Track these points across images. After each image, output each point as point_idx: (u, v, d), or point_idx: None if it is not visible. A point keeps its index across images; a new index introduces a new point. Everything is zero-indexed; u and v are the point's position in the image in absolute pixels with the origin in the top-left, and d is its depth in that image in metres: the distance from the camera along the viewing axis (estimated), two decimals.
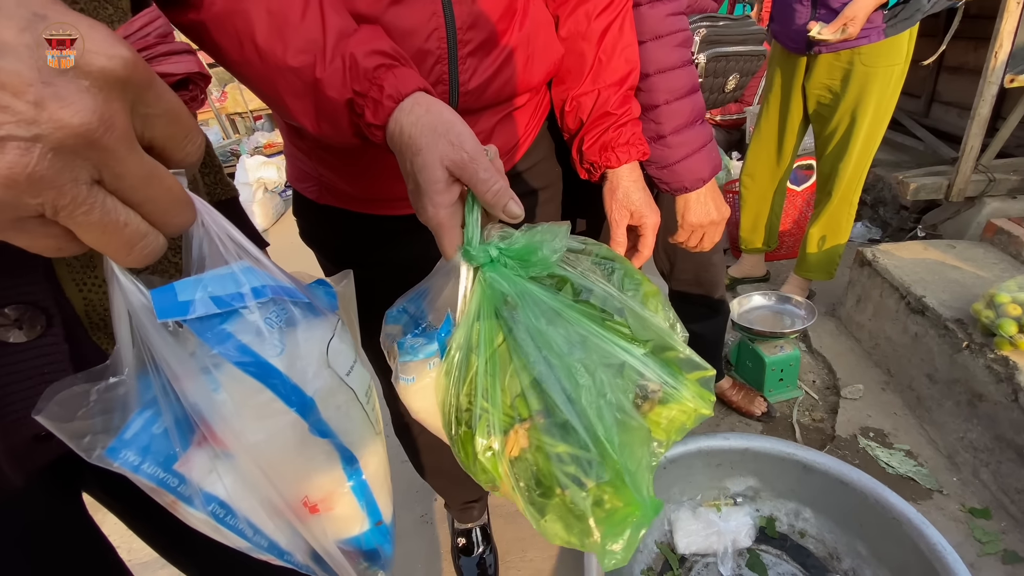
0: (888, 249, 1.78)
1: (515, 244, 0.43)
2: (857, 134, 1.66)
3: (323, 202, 0.71)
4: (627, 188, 0.73)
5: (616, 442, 0.39)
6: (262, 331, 0.31)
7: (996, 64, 1.81)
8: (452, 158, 0.42)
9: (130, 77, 0.23)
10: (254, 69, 0.48)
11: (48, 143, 0.20)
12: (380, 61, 0.46)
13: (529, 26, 0.65)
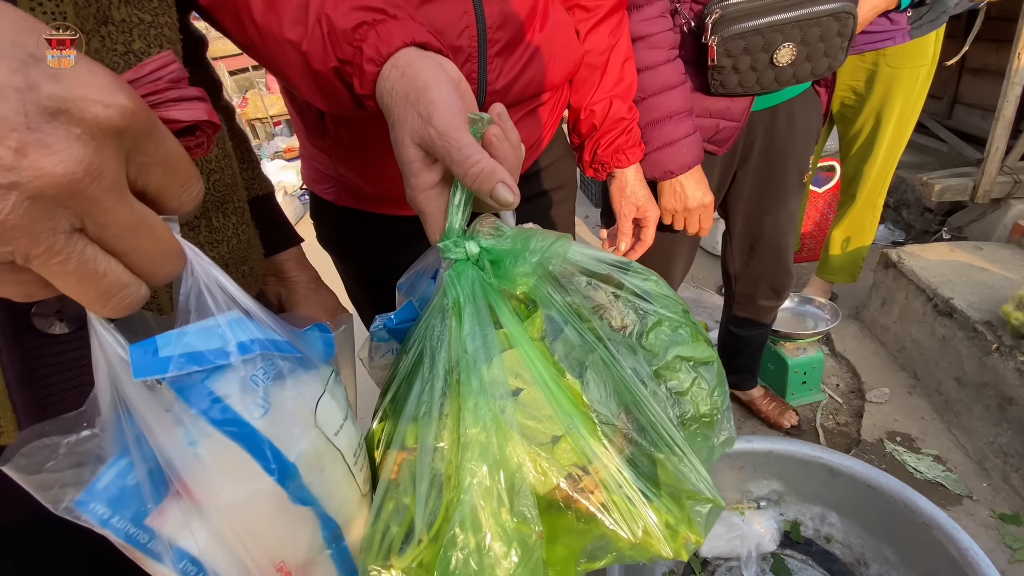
0: (914, 251, 1.76)
1: (501, 244, 0.37)
2: (883, 136, 1.65)
3: (341, 204, 0.73)
4: (634, 185, 0.83)
5: (463, 524, 0.29)
6: (246, 390, 0.29)
7: (1020, 65, 1.80)
8: (421, 135, 0.35)
9: (127, 127, 0.22)
10: (258, 49, 0.47)
11: (25, 191, 0.19)
12: (360, 19, 0.40)
13: (550, 27, 0.67)
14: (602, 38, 0.76)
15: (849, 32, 0.87)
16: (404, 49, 0.39)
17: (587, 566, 0.33)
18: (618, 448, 0.33)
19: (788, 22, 0.84)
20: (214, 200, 0.45)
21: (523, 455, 0.31)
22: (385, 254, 0.76)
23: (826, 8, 0.83)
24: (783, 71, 0.88)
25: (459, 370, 0.33)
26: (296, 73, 0.46)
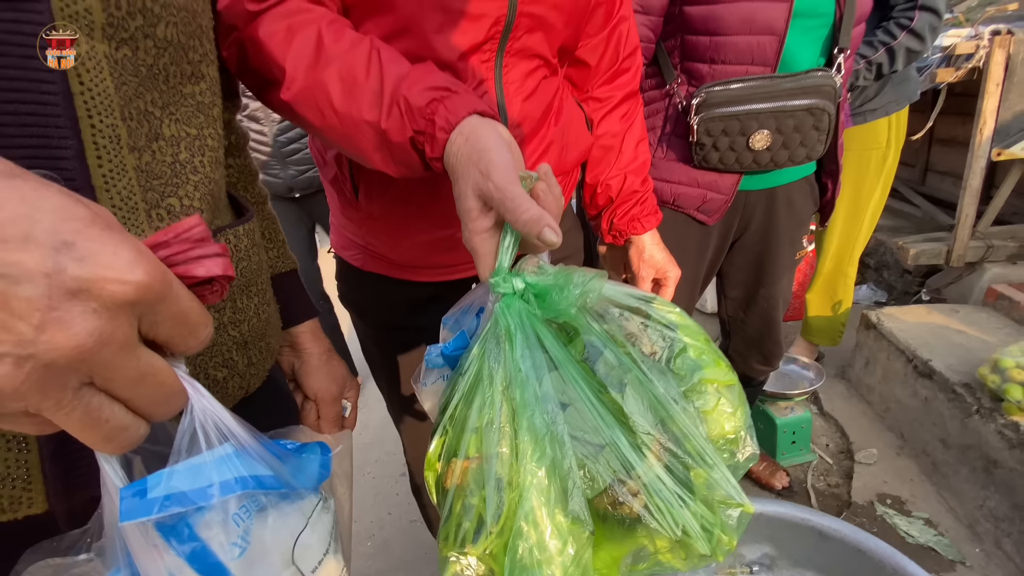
0: (893, 312, 1.83)
1: (544, 280, 0.42)
2: (837, 211, 1.76)
3: (366, 269, 0.79)
4: (651, 250, 0.89)
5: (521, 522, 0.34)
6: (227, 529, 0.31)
7: (982, 140, 1.94)
8: (481, 187, 0.43)
9: (141, 298, 0.24)
10: (337, 132, 0.55)
11: (40, 361, 0.21)
12: (432, 96, 0.49)
13: (564, 120, 0.77)
14: (614, 123, 0.86)
15: (826, 127, 0.97)
16: (468, 118, 0.48)
17: (630, 568, 0.37)
18: (656, 456, 0.37)
19: (764, 112, 0.93)
20: (240, 284, 0.48)
21: (573, 461, 0.35)
22: (403, 316, 0.82)
23: (800, 103, 0.94)
24: (760, 154, 0.98)
25: (514, 387, 0.38)
26: (371, 147, 0.53)
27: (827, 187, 1.16)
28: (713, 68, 0.96)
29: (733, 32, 0.92)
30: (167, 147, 0.41)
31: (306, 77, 0.52)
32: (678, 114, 1.01)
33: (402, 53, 0.57)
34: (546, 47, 0.69)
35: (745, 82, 0.93)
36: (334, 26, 0.54)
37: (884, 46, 1.45)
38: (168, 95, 0.41)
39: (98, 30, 0.34)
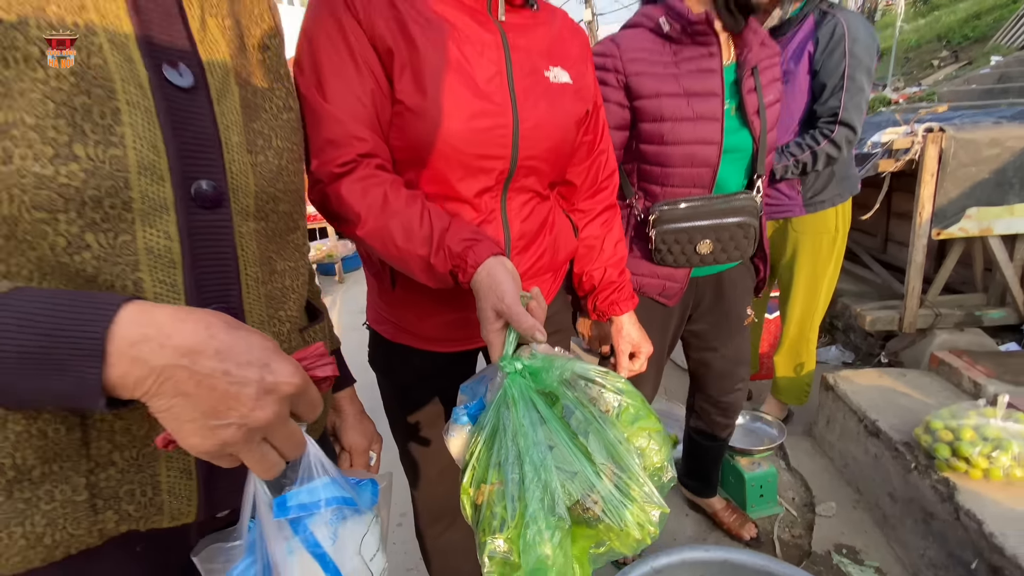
0: (848, 376, 2.03)
1: (535, 363, 0.64)
2: (797, 286, 2.01)
3: (396, 340, 1.00)
4: (628, 328, 1.11)
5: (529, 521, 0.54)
6: (326, 527, 0.50)
7: (922, 221, 2.22)
8: (497, 306, 0.67)
9: (295, 392, 0.42)
10: (394, 259, 0.78)
11: (249, 427, 0.40)
12: (465, 245, 0.73)
13: (554, 232, 1.00)
14: (596, 229, 1.09)
15: (753, 235, 1.23)
16: (488, 259, 0.71)
17: (594, 551, 0.58)
18: (609, 478, 0.58)
19: (706, 227, 1.20)
20: None
21: (557, 483, 0.56)
22: (423, 379, 1.02)
23: (732, 220, 1.21)
24: (705, 256, 1.24)
25: (519, 436, 0.58)
26: (420, 271, 0.77)
27: (759, 268, 1.42)
28: (664, 189, 1.22)
29: (678, 165, 1.18)
30: (279, 278, 0.62)
31: (376, 221, 0.75)
32: (638, 223, 1.26)
33: (433, 193, 0.82)
34: (538, 184, 0.92)
35: (690, 202, 1.20)
36: (395, 187, 0.78)
37: (809, 149, 1.75)
38: (280, 243, 0.62)
39: (252, 214, 0.56)
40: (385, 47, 0.77)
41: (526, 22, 0.87)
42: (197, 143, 0.51)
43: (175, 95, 0.49)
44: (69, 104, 0.43)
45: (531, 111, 0.84)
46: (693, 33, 1.13)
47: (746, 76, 1.17)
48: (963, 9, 12.61)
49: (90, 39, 0.44)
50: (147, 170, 0.47)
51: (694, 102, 1.14)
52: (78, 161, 0.43)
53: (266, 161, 0.57)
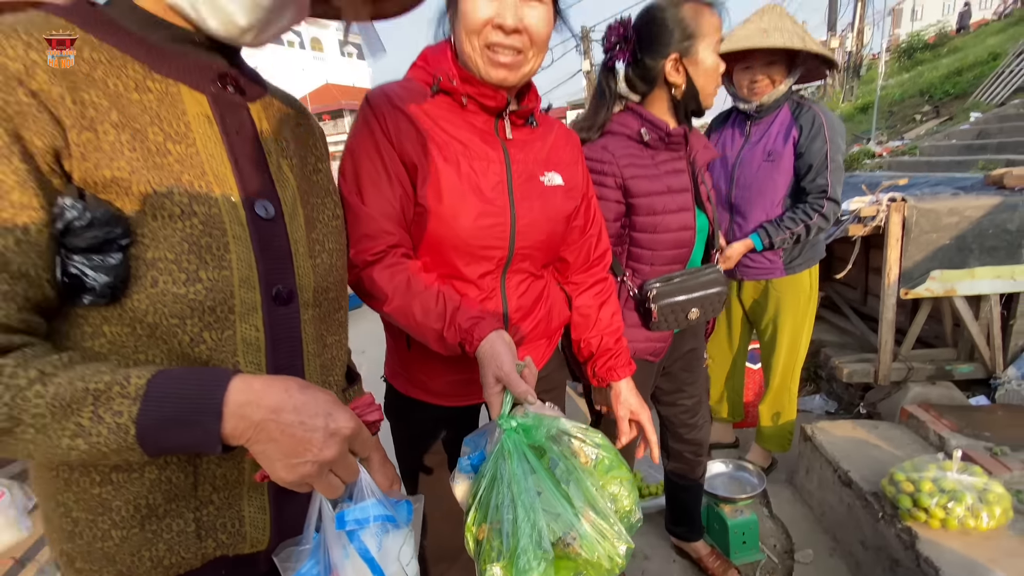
0: (824, 427, 2.17)
1: (526, 422, 0.78)
2: (780, 340, 2.17)
3: (409, 394, 1.16)
4: (626, 394, 1.22)
5: (520, 553, 0.67)
6: (374, 537, 0.64)
7: (890, 282, 2.40)
8: (496, 374, 0.82)
9: (352, 435, 0.57)
10: (413, 329, 0.95)
11: (320, 463, 0.54)
12: (472, 322, 0.89)
13: (550, 302, 1.18)
14: (588, 299, 1.25)
15: (723, 300, 1.45)
16: (490, 334, 0.87)
17: None
18: (586, 519, 0.71)
19: (695, 298, 1.41)
20: None
21: (543, 523, 0.68)
22: (431, 427, 1.18)
23: (713, 290, 1.43)
24: (692, 321, 1.44)
25: (514, 483, 0.72)
26: (434, 341, 0.93)
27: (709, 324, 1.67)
28: (652, 268, 1.41)
29: (667, 248, 1.39)
30: (329, 351, 0.79)
31: (400, 300, 0.94)
32: (631, 297, 1.44)
33: (444, 274, 1.01)
34: (532, 267, 1.11)
35: (681, 278, 1.40)
36: (416, 272, 0.96)
37: (803, 223, 1.98)
38: (329, 322, 0.79)
39: (311, 304, 0.73)
40: (411, 162, 0.97)
41: (526, 138, 1.07)
42: (276, 257, 0.69)
43: (262, 224, 0.67)
44: (196, 244, 0.60)
45: (527, 211, 1.03)
46: (669, 142, 1.35)
47: (699, 172, 1.42)
48: (945, 66, 13.28)
49: (210, 196, 0.62)
50: (244, 283, 0.64)
51: (676, 197, 1.36)
52: (202, 282, 0.60)
53: (322, 262, 0.76)
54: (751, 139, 2.09)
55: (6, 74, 0.51)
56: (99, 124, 0.56)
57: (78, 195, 0.55)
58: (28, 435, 0.50)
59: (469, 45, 0.95)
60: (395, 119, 0.96)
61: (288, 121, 0.78)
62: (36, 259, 0.53)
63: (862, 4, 14.84)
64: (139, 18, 0.62)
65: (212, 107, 0.65)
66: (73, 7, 0.60)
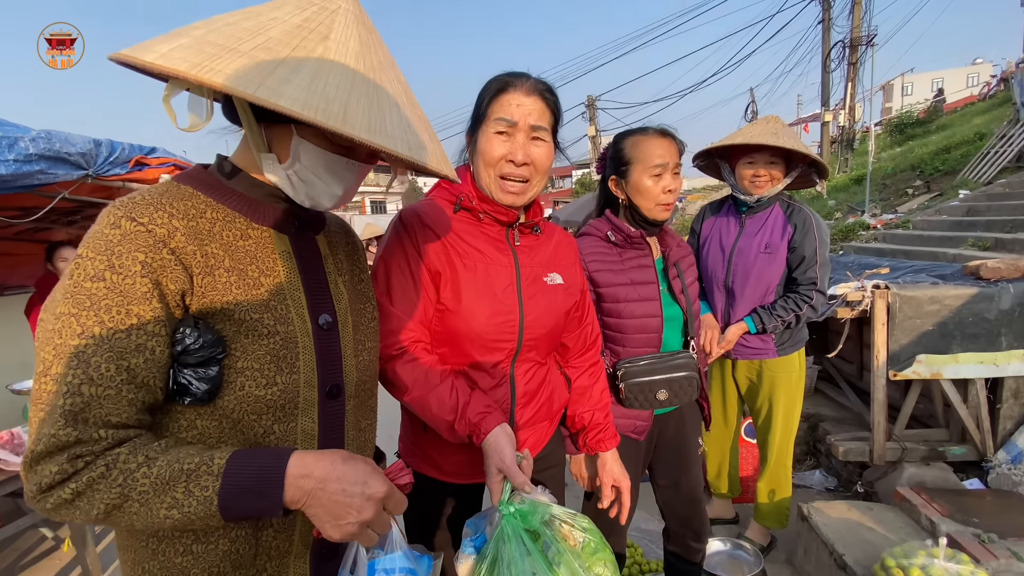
0: (820, 507, 2.24)
1: (523, 508, 0.91)
2: (776, 418, 2.28)
3: (420, 471, 1.27)
4: (611, 464, 1.38)
5: None
6: None
7: (879, 364, 2.53)
8: (499, 465, 0.97)
9: (385, 497, 0.70)
10: (428, 417, 1.09)
11: (361, 522, 0.68)
12: (480, 417, 1.04)
13: (552, 386, 1.32)
14: (585, 380, 1.41)
15: (695, 384, 1.58)
16: (495, 428, 1.02)
17: None
18: None
19: (661, 380, 1.55)
20: None
21: None
22: (441, 503, 1.29)
23: (680, 374, 1.57)
24: (663, 402, 1.57)
25: (512, 564, 0.84)
26: (446, 431, 1.07)
27: (703, 407, 1.76)
28: (624, 349, 1.58)
29: (633, 332, 1.56)
30: (362, 434, 0.93)
31: (418, 392, 1.08)
32: (607, 375, 1.58)
33: (459, 362, 1.16)
34: (538, 356, 1.26)
35: (648, 360, 1.55)
36: (434, 367, 1.11)
37: (794, 312, 2.16)
38: (363, 409, 0.93)
39: (352, 396, 0.88)
40: (436, 270, 1.15)
41: (532, 244, 1.26)
42: (331, 360, 0.84)
43: (322, 334, 0.83)
44: (276, 355, 0.76)
45: (533, 308, 1.20)
46: (631, 242, 1.57)
47: (669, 267, 1.62)
48: (934, 142, 13.90)
49: (288, 316, 0.78)
50: (308, 384, 0.79)
51: (639, 288, 1.55)
52: (277, 385, 0.76)
53: (362, 360, 0.91)
54: (746, 230, 2.29)
55: (155, 238, 0.68)
56: (216, 269, 0.72)
57: (194, 324, 0.71)
58: (134, 508, 0.64)
59: (486, 175, 1.15)
60: (424, 234, 1.15)
61: (341, 243, 0.95)
62: (157, 373, 0.68)
63: (852, 84, 15.76)
64: (244, 180, 0.80)
65: (292, 244, 0.82)
66: (196, 175, 0.79)
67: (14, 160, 2.42)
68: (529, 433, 1.28)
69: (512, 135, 1.12)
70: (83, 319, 0.63)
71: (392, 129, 0.69)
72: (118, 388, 0.64)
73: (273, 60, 0.64)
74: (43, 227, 3.66)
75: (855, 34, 14.93)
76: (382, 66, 0.73)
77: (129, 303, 0.65)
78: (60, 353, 0.63)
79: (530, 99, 1.11)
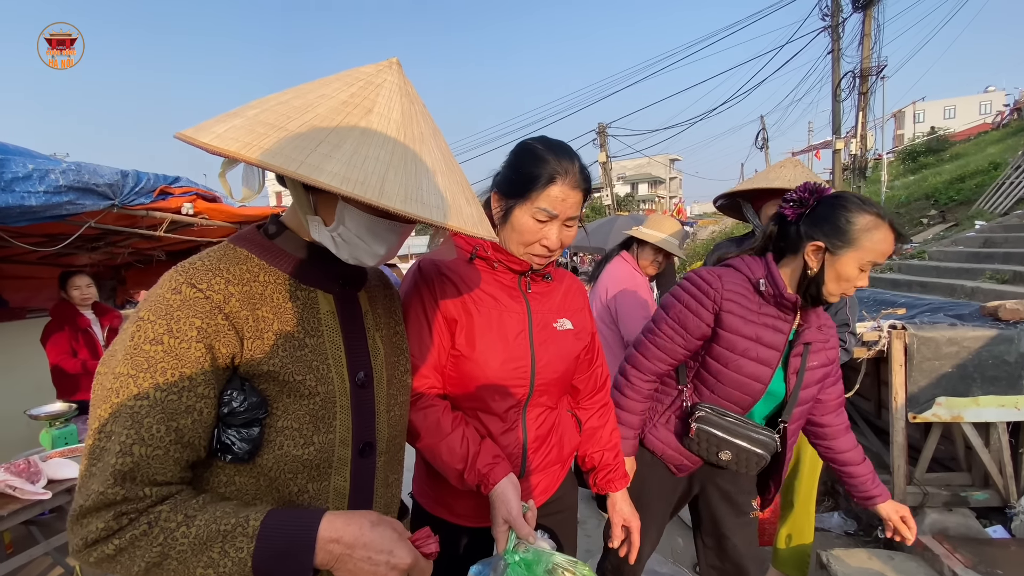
0: (840, 555, 2.20)
1: (527, 557, 0.94)
2: (803, 463, 2.26)
3: (432, 512, 1.29)
4: (621, 504, 1.39)
5: None
6: None
7: (897, 406, 2.50)
8: (505, 516, 1.00)
9: (410, 565, 0.72)
10: (439, 465, 1.11)
11: None
12: (488, 468, 1.06)
13: (562, 430, 1.33)
14: (595, 420, 1.43)
15: (763, 464, 1.48)
16: (502, 479, 1.04)
17: None
18: None
19: (731, 442, 1.48)
20: None
21: None
22: (451, 544, 1.29)
23: (753, 448, 1.47)
24: (721, 461, 1.50)
25: None
26: (455, 479, 1.09)
27: (770, 487, 1.63)
28: (711, 394, 1.50)
29: (730, 387, 1.47)
30: (389, 490, 0.94)
31: (430, 441, 1.11)
32: (683, 406, 1.55)
33: (473, 406, 1.18)
34: (550, 401, 1.28)
35: (734, 420, 1.47)
36: (446, 412, 1.14)
37: None
38: (392, 463, 0.95)
39: (383, 452, 0.89)
40: (451, 317, 1.17)
41: (544, 290, 1.29)
42: (366, 417, 0.86)
43: (359, 391, 0.85)
44: (315, 416, 0.79)
45: (544, 354, 1.22)
46: (779, 302, 1.42)
47: (797, 344, 1.46)
48: (948, 171, 13.87)
49: (328, 376, 0.81)
50: (342, 442, 0.82)
51: (760, 349, 1.42)
52: (314, 445, 0.78)
53: (394, 415, 0.93)
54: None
55: (212, 304, 0.71)
56: (265, 332, 0.76)
57: (241, 386, 0.74)
58: (172, 566, 0.66)
59: (515, 246, 1.19)
60: (441, 283, 1.18)
61: (380, 297, 0.99)
62: (203, 433, 0.71)
63: (863, 112, 15.86)
64: (292, 240, 0.84)
65: (336, 303, 0.86)
66: (251, 237, 0.83)
67: (44, 192, 2.51)
68: (540, 478, 1.29)
69: (550, 222, 1.15)
70: (140, 380, 0.67)
71: (428, 197, 0.72)
72: (166, 448, 0.67)
73: (317, 137, 0.68)
74: (66, 252, 3.76)
75: (865, 64, 15.09)
76: (423, 137, 0.76)
77: (183, 366, 0.68)
78: (117, 412, 0.66)
79: (573, 192, 1.14)
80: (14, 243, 2.92)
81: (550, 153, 1.14)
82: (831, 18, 15.37)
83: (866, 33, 15.25)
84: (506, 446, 1.20)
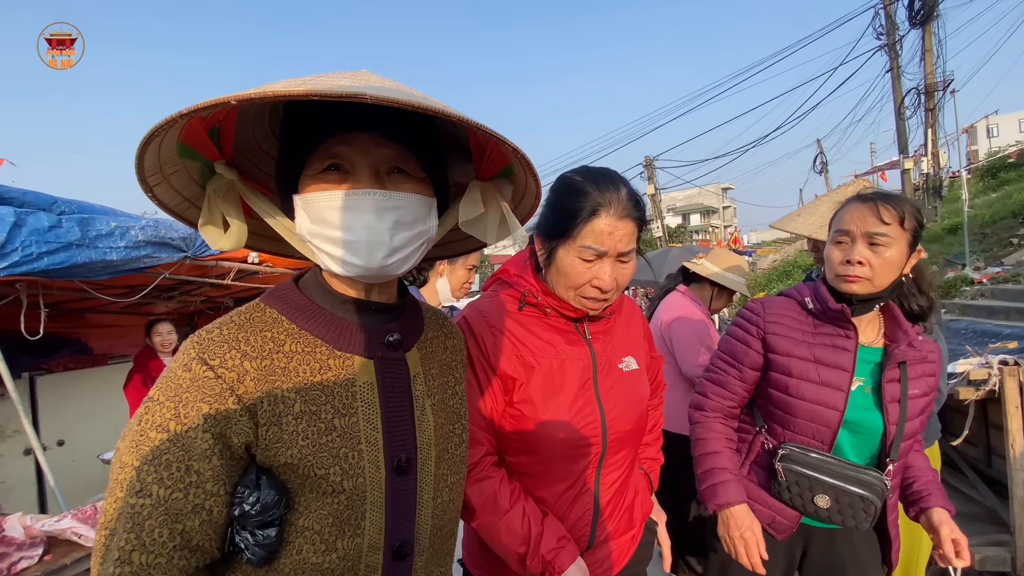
0: None
1: None
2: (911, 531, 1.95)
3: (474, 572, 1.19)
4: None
5: None
6: None
7: (1016, 454, 2.19)
8: None
9: None
10: (497, 549, 1.01)
11: None
12: (554, 554, 0.97)
13: (635, 492, 1.21)
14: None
15: (873, 512, 1.25)
16: (571, 565, 0.97)
17: None
18: None
19: (828, 483, 1.26)
20: None
21: None
22: None
23: (856, 490, 1.25)
24: (820, 511, 1.29)
25: None
26: (514, 561, 1.00)
27: (887, 547, 1.39)
28: (785, 432, 1.35)
29: (801, 417, 1.32)
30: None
31: (487, 518, 1.01)
32: (763, 450, 1.39)
33: (537, 472, 1.07)
34: (628, 455, 1.17)
35: (821, 456, 1.28)
36: (503, 484, 1.03)
37: None
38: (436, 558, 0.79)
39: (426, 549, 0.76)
40: (507, 374, 1.07)
41: (603, 328, 1.17)
42: (403, 511, 0.72)
43: (394, 480, 0.71)
44: (339, 516, 0.67)
45: (613, 404, 1.11)
46: (830, 317, 1.33)
47: (889, 366, 1.28)
48: None
49: (359, 466, 0.68)
50: (372, 547, 0.69)
51: (821, 369, 1.31)
52: (337, 551, 0.67)
53: (442, 502, 0.77)
54: None
55: (223, 384, 0.63)
56: (284, 417, 0.65)
57: (256, 483, 0.64)
58: None
59: (565, 292, 1.07)
60: (492, 337, 1.07)
61: (437, 352, 0.84)
62: (213, 535, 0.63)
63: (932, 129, 14.96)
64: (328, 296, 0.73)
65: (377, 371, 0.72)
66: (284, 294, 0.73)
67: (124, 247, 2.68)
68: (611, 548, 1.16)
69: (598, 260, 1.02)
70: (143, 474, 0.60)
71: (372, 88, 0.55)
72: (169, 555, 0.60)
73: None
74: (144, 301, 4.01)
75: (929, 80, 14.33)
76: None
77: (190, 458, 0.61)
78: (120, 510, 0.59)
79: (622, 223, 1.00)
80: (97, 295, 3.12)
81: (590, 183, 1.01)
82: (887, 36, 14.83)
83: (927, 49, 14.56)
84: (575, 514, 1.09)
